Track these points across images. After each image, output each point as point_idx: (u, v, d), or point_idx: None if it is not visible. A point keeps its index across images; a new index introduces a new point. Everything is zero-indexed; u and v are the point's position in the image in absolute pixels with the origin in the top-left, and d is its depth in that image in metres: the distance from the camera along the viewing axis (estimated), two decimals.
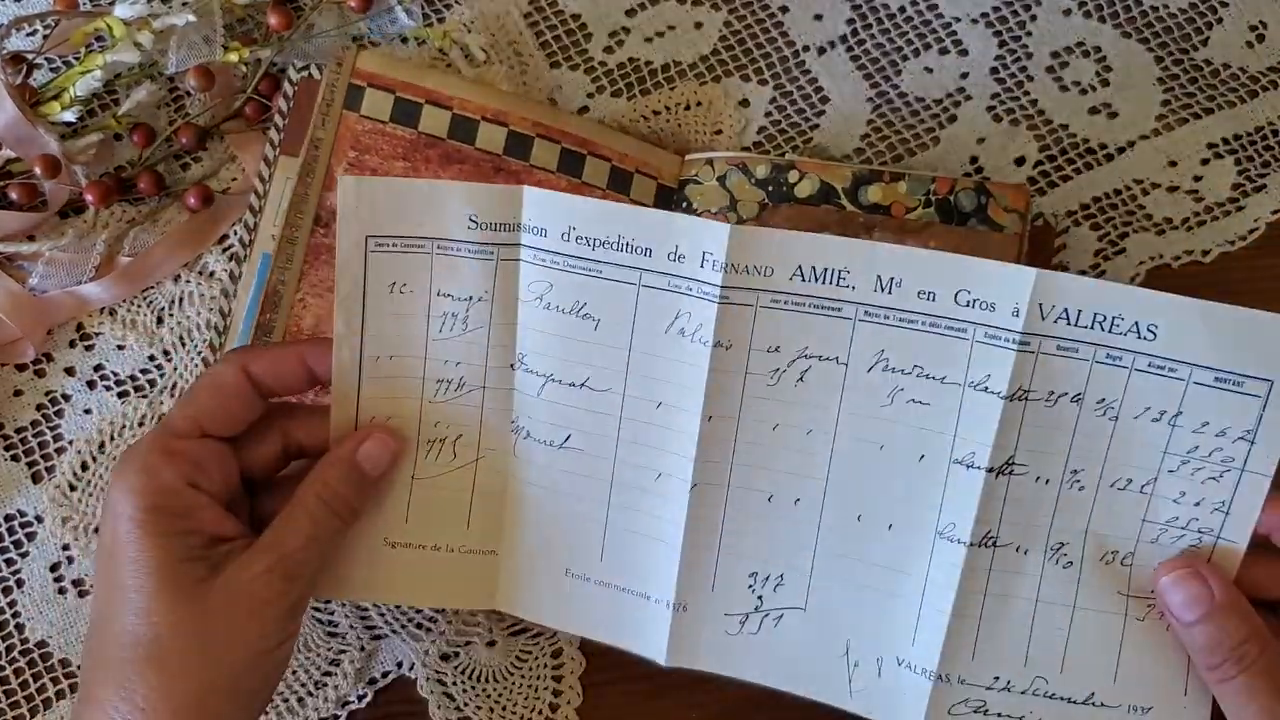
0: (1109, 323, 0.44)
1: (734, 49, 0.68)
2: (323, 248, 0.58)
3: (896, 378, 0.46)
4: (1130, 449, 0.45)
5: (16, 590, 0.60)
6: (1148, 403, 0.44)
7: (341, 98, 0.59)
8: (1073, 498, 0.46)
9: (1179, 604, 0.44)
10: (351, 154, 0.59)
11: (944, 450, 0.46)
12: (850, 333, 0.46)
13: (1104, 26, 0.68)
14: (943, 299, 0.45)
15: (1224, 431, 0.44)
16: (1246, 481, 0.44)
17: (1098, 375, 0.44)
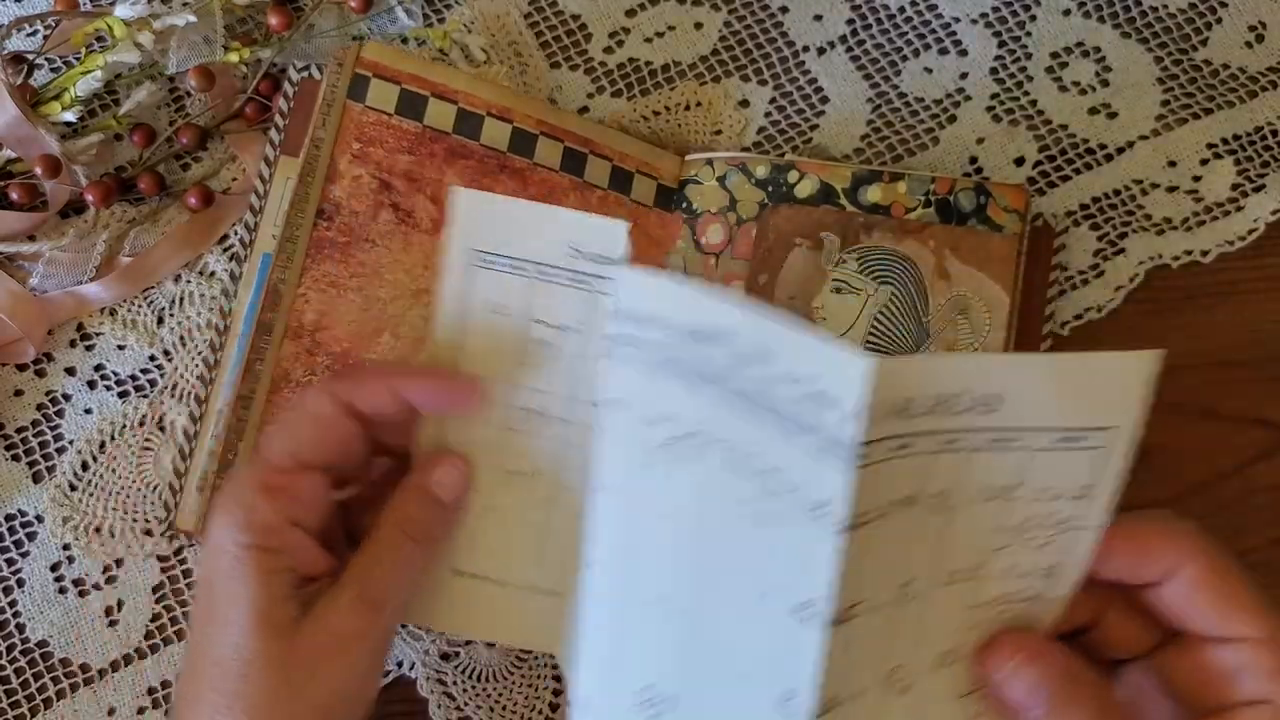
0: (947, 403, 0.36)
1: (734, 49, 0.68)
2: (325, 242, 0.58)
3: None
4: (964, 538, 0.39)
5: (17, 590, 0.60)
6: (987, 482, 0.38)
7: (343, 96, 0.59)
8: (905, 614, 0.39)
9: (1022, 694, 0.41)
10: (356, 145, 0.59)
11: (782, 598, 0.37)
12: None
13: (1104, 27, 0.68)
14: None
15: (1060, 495, 0.40)
16: (1077, 538, 0.41)
17: (935, 468, 0.37)
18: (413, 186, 0.59)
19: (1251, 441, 0.63)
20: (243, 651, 0.45)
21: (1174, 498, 0.63)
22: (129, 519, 0.61)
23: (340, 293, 0.58)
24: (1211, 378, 0.64)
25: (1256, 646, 0.41)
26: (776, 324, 0.35)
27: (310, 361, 0.57)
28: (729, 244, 0.62)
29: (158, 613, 0.61)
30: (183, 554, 0.61)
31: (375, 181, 0.59)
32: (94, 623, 0.60)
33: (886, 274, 0.61)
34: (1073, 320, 0.64)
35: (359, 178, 0.59)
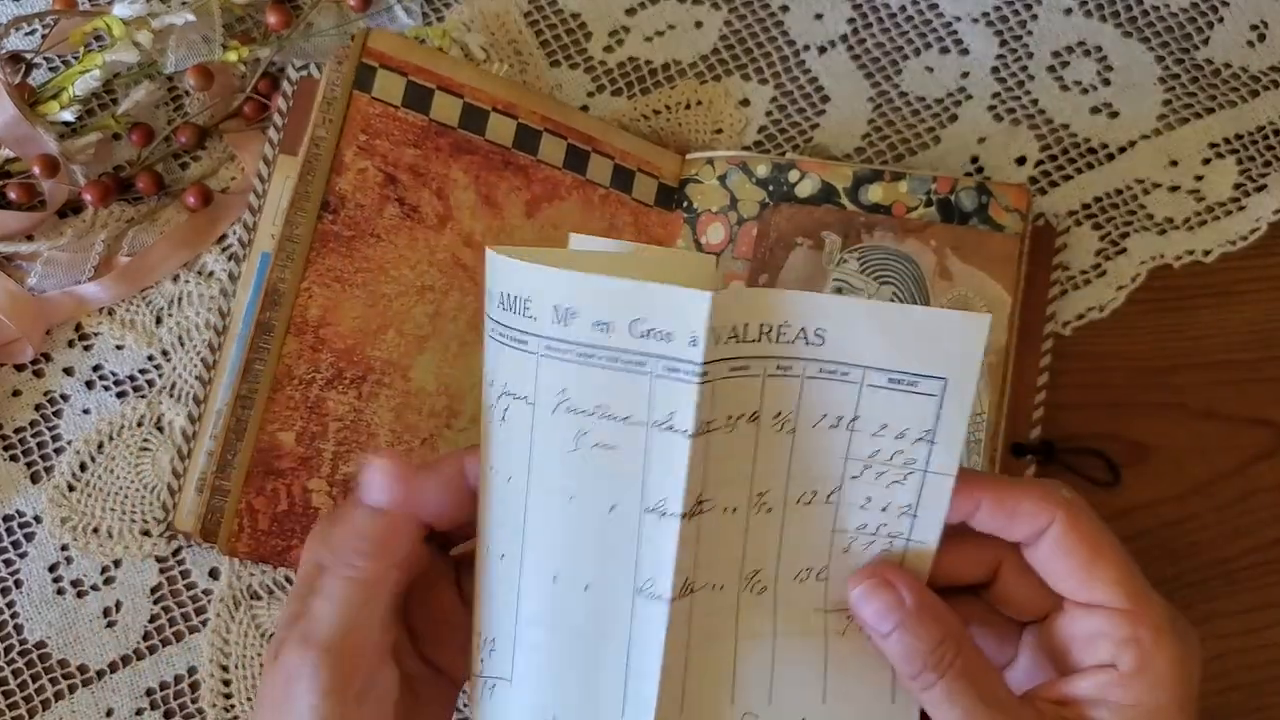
0: (775, 332, 0.40)
1: (734, 48, 0.68)
2: (330, 235, 0.58)
3: (580, 419, 0.41)
4: (812, 460, 0.42)
5: (15, 591, 0.60)
6: (824, 410, 0.41)
7: (346, 90, 0.59)
8: (761, 522, 0.43)
9: (872, 616, 0.43)
10: (362, 137, 0.58)
11: (634, 499, 0.41)
12: (535, 368, 0.41)
13: (1105, 26, 0.68)
14: (617, 330, 0.40)
15: (903, 434, 0.42)
16: (930, 482, 0.42)
17: (771, 389, 0.41)
18: (418, 181, 0.59)
19: (1252, 441, 0.63)
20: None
21: (1174, 498, 0.63)
22: (127, 519, 0.61)
23: (344, 288, 0.58)
24: (1212, 378, 0.64)
25: (1112, 615, 0.42)
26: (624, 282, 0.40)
27: (314, 359, 0.57)
28: (730, 243, 0.62)
29: (156, 614, 0.60)
30: (181, 555, 0.61)
31: (381, 175, 0.58)
32: (92, 624, 0.60)
33: (888, 274, 0.60)
34: (1074, 320, 0.64)
35: (364, 170, 0.58)
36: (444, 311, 0.59)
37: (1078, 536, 0.42)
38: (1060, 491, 0.43)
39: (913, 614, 0.42)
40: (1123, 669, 0.42)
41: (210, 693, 0.60)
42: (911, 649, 0.42)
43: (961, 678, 0.42)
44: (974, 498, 0.43)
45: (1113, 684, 0.42)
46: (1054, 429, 0.62)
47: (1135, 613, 0.42)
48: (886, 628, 0.42)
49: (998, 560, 0.45)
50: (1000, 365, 0.59)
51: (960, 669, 0.42)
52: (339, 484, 0.57)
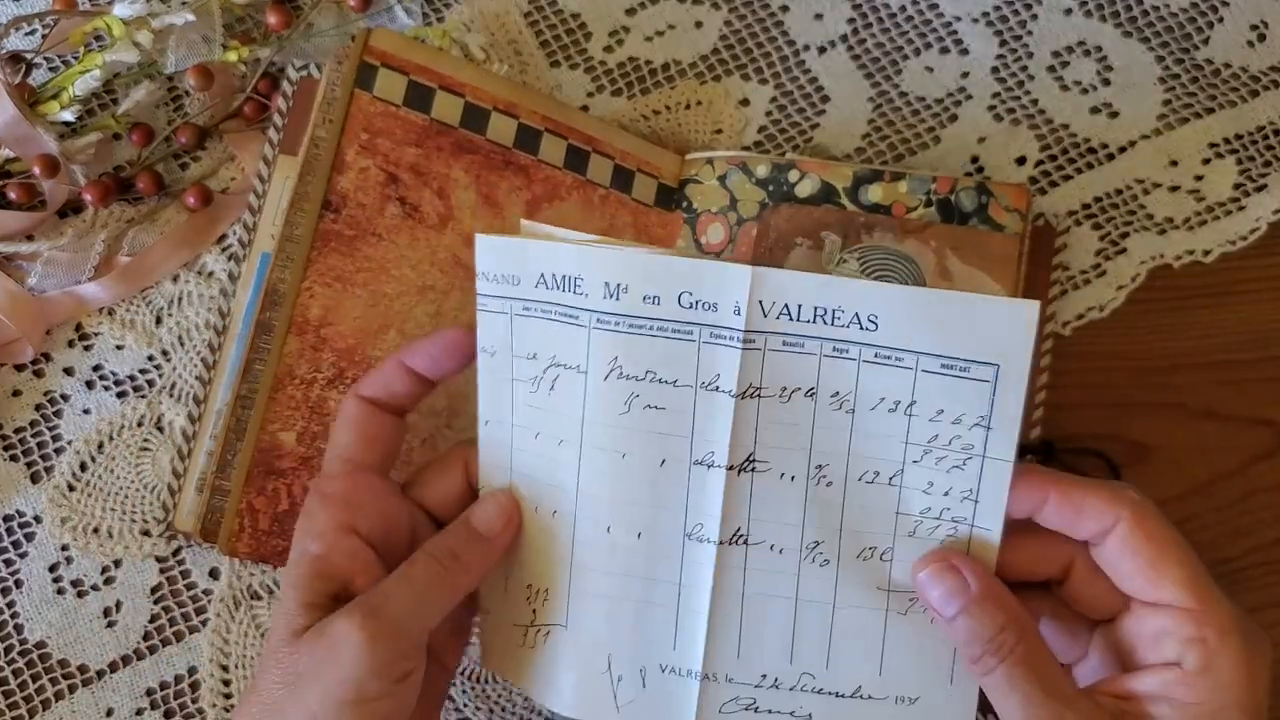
0: (830, 315, 0.43)
1: (734, 48, 0.68)
2: (331, 235, 0.58)
3: (631, 384, 0.45)
4: (872, 442, 0.44)
5: (15, 590, 0.60)
6: (881, 394, 0.44)
7: (348, 89, 0.58)
8: (822, 494, 0.45)
9: (938, 599, 0.44)
10: (364, 136, 0.58)
11: (684, 453, 0.45)
12: (586, 340, 0.45)
13: (1105, 26, 0.68)
14: (667, 302, 0.44)
15: (960, 419, 0.44)
16: (989, 468, 0.44)
17: (827, 369, 0.44)
18: (419, 180, 0.59)
19: (1252, 441, 0.63)
20: (262, 663, 0.46)
21: (1174, 498, 0.63)
22: (127, 519, 0.61)
23: (346, 288, 0.58)
24: (1212, 378, 0.64)
25: (1179, 614, 0.43)
26: (675, 259, 0.44)
27: (315, 358, 0.57)
28: (729, 243, 0.62)
29: (156, 614, 0.60)
30: (181, 554, 0.61)
31: (382, 174, 0.58)
32: (92, 623, 0.60)
33: (888, 274, 0.60)
34: (1074, 320, 0.64)
35: (366, 169, 0.58)
36: (445, 311, 0.59)
37: (1144, 536, 0.43)
38: (1128, 492, 0.44)
39: (977, 599, 0.44)
40: (1187, 667, 0.43)
41: (210, 693, 0.60)
42: (975, 633, 0.43)
43: (1022, 664, 0.43)
44: (1042, 492, 0.45)
45: (1176, 682, 0.43)
46: (1054, 429, 0.62)
47: (1201, 612, 0.43)
48: (951, 611, 0.44)
49: (1070, 558, 0.46)
50: None
51: (1021, 655, 0.43)
52: None
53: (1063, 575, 0.46)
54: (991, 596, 0.44)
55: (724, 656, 0.47)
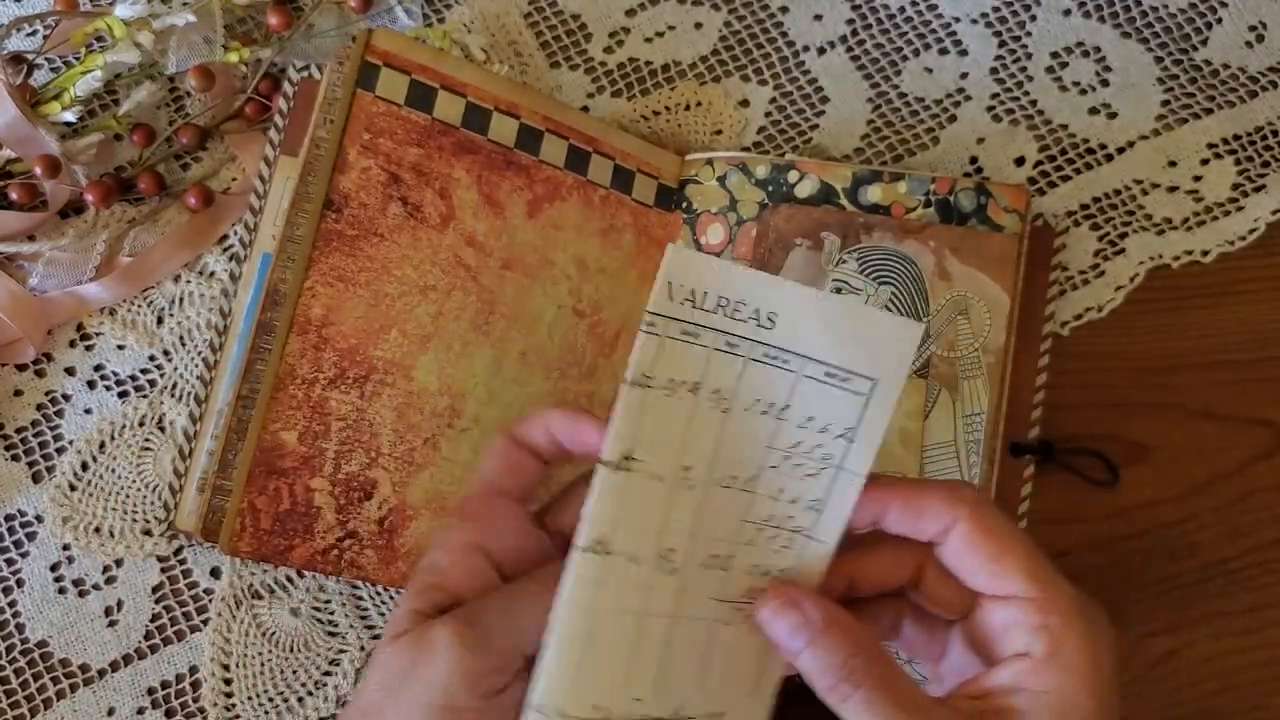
0: (731, 307, 0.42)
1: (734, 49, 0.68)
2: (334, 234, 0.58)
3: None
4: (738, 444, 0.43)
5: (17, 590, 0.60)
6: (759, 394, 0.43)
7: (349, 89, 0.59)
8: (682, 499, 0.43)
9: (783, 635, 0.44)
10: (366, 136, 0.58)
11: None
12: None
13: (1104, 27, 0.68)
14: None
15: (826, 428, 0.43)
16: (841, 479, 0.43)
17: (716, 363, 0.42)
18: (421, 180, 0.59)
19: (1250, 441, 0.64)
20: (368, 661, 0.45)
21: (1174, 497, 0.63)
22: (129, 519, 0.61)
23: (348, 287, 0.58)
24: (1211, 378, 0.64)
25: (1023, 605, 0.43)
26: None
27: (317, 358, 0.57)
28: (729, 244, 0.62)
29: (157, 613, 0.61)
30: (182, 554, 0.61)
31: (384, 174, 0.58)
32: (94, 623, 0.60)
33: (887, 274, 0.61)
34: (1073, 320, 0.64)
35: (368, 169, 0.58)
36: (446, 311, 0.59)
37: (982, 532, 0.43)
38: (965, 491, 0.44)
39: (821, 631, 0.43)
40: (1035, 655, 0.43)
41: (211, 691, 0.60)
42: (824, 664, 0.43)
43: (878, 688, 0.42)
44: (882, 501, 0.44)
45: (1027, 671, 0.43)
46: (1053, 429, 0.62)
47: (1044, 600, 0.43)
48: (798, 646, 0.43)
49: (920, 561, 0.46)
50: (999, 365, 0.59)
51: (876, 679, 0.42)
52: (341, 483, 0.57)
53: (916, 579, 0.46)
54: (835, 625, 0.43)
55: (562, 686, 0.43)
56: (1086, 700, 0.42)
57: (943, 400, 0.59)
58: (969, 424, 0.59)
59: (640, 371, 0.41)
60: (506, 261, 0.60)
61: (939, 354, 0.60)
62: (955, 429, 0.59)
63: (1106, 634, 0.44)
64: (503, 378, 0.60)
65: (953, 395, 0.59)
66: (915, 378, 0.59)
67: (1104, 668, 0.43)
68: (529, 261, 0.61)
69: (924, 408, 0.59)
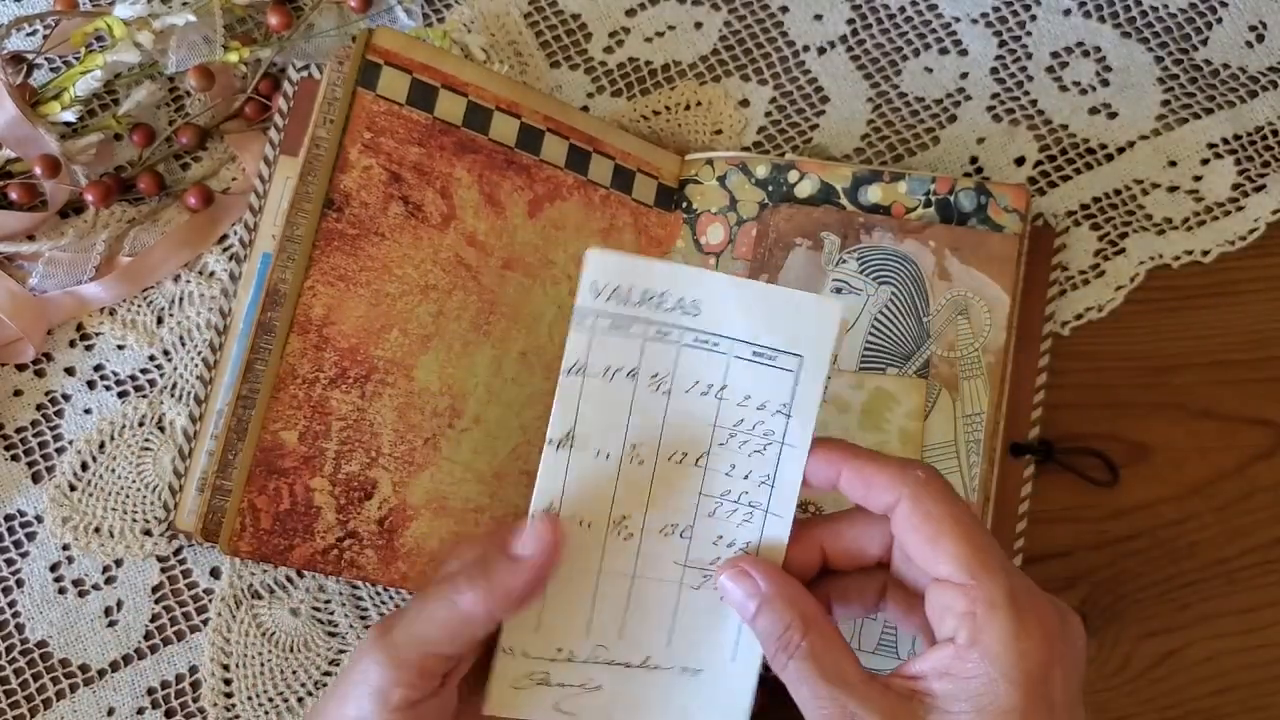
0: (656, 299, 0.45)
1: (734, 49, 0.68)
2: (335, 234, 0.58)
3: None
4: (684, 423, 0.46)
5: (16, 590, 0.60)
6: (696, 377, 0.46)
7: (349, 89, 0.58)
8: (633, 472, 0.46)
9: (738, 604, 0.46)
10: (367, 135, 0.58)
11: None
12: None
13: (1104, 26, 0.68)
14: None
15: (764, 404, 0.46)
16: (786, 454, 0.46)
17: (650, 351, 0.45)
18: (422, 180, 0.59)
19: (1250, 441, 0.64)
20: None
21: (1174, 497, 0.63)
22: (128, 519, 0.61)
23: (349, 287, 0.58)
24: (1211, 378, 0.64)
25: (954, 590, 0.43)
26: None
27: (317, 358, 0.57)
28: (729, 244, 0.62)
29: (157, 613, 0.61)
30: (182, 554, 0.61)
31: (385, 173, 0.58)
32: (93, 623, 0.60)
33: (887, 274, 0.61)
34: (1073, 320, 0.64)
35: (369, 168, 0.58)
36: (447, 311, 0.59)
37: (922, 513, 0.44)
38: (914, 470, 0.45)
39: (767, 599, 0.45)
40: (959, 641, 0.43)
41: (211, 691, 0.60)
42: (768, 632, 0.45)
43: (808, 659, 0.44)
44: (834, 464, 0.46)
45: (952, 656, 0.43)
46: (1053, 429, 0.62)
47: (972, 587, 0.43)
48: (749, 613, 0.46)
49: (889, 538, 0.47)
50: (999, 365, 0.59)
51: (806, 650, 0.44)
52: (341, 483, 0.57)
53: (886, 557, 0.47)
54: (780, 596, 0.45)
55: (524, 630, 0.47)
56: (1008, 692, 0.42)
57: (943, 400, 0.59)
58: (969, 424, 0.59)
59: (575, 362, 0.45)
60: (507, 261, 0.60)
61: (939, 354, 0.60)
62: (955, 429, 0.59)
63: (1045, 626, 0.43)
64: (503, 377, 0.60)
65: (953, 395, 0.59)
66: (915, 377, 0.60)
67: (1034, 661, 0.42)
68: (529, 261, 0.61)
69: (924, 408, 0.59)
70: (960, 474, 0.58)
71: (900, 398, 0.59)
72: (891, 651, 0.57)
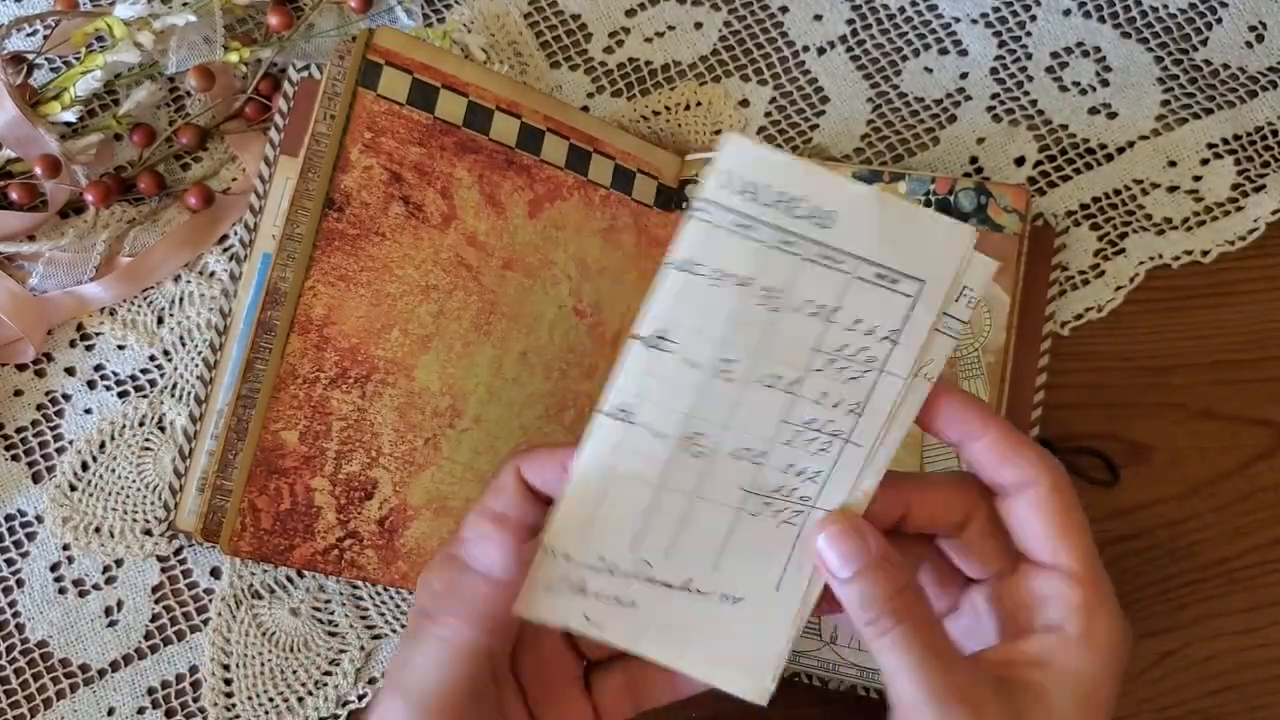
0: (790, 204, 0.42)
1: (734, 49, 0.68)
2: (335, 233, 0.58)
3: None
4: (785, 344, 0.43)
5: (17, 590, 0.60)
6: (811, 294, 0.43)
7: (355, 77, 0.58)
8: (719, 389, 0.43)
9: (835, 560, 0.44)
10: (367, 135, 0.58)
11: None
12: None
13: (1104, 27, 0.68)
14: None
15: (873, 330, 0.43)
16: (883, 382, 0.44)
17: (768, 260, 0.42)
18: (423, 180, 0.59)
19: (1251, 441, 0.64)
20: None
21: (1174, 497, 0.63)
22: (129, 519, 0.61)
23: (349, 287, 0.58)
24: (1211, 378, 0.64)
25: (1068, 578, 0.44)
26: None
27: (318, 357, 0.57)
28: None
29: (157, 613, 0.61)
30: (183, 554, 0.61)
31: (386, 173, 0.58)
32: (94, 623, 0.60)
33: None
34: (1073, 320, 0.64)
35: (370, 168, 0.58)
36: (448, 311, 0.59)
37: (1059, 500, 0.44)
38: (1053, 459, 0.45)
39: (875, 563, 0.44)
40: (1069, 631, 0.43)
41: (212, 691, 0.60)
42: (869, 595, 0.43)
43: (916, 628, 0.43)
44: (985, 425, 0.45)
45: (1056, 647, 0.43)
46: (1053, 429, 0.62)
47: (1091, 581, 0.44)
48: (847, 574, 0.44)
49: (969, 511, 0.46)
50: (999, 365, 0.59)
51: (915, 620, 0.43)
52: (341, 483, 0.57)
53: (958, 529, 0.47)
54: (889, 561, 0.44)
55: (571, 532, 0.45)
56: (1107, 686, 0.43)
57: None
58: None
59: (686, 256, 0.42)
60: (507, 261, 0.60)
61: None
62: None
63: (1129, 632, 0.45)
64: (504, 378, 0.60)
65: None
66: None
67: (1123, 661, 0.44)
68: (530, 261, 0.61)
69: None
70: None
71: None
72: None
